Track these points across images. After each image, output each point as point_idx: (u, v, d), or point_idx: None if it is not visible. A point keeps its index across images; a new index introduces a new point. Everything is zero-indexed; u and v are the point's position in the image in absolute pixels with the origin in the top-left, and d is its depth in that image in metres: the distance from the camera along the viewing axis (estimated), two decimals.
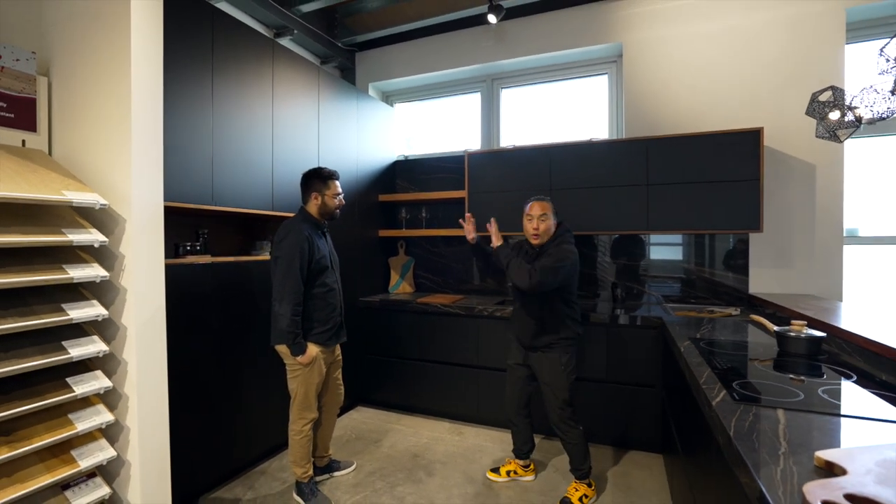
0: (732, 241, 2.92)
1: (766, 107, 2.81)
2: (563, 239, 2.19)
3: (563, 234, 2.21)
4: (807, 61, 2.73)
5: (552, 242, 2.19)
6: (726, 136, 2.63)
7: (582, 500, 2.10)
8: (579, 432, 2.15)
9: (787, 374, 1.43)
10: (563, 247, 2.13)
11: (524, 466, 2.38)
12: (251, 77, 2.40)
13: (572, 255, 2.12)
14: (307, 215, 2.18)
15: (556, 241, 2.18)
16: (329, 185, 2.19)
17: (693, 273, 3.06)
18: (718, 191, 2.65)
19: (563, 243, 2.16)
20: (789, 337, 1.63)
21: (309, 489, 2.16)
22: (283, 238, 2.05)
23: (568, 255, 2.10)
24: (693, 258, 3.05)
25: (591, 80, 3.50)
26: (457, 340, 3.05)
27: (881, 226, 2.80)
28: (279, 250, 2.04)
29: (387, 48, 3.93)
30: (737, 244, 2.91)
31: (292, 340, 2.01)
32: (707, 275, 3.02)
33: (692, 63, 2.98)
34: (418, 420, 3.14)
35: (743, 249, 2.90)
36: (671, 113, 3.03)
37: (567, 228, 2.25)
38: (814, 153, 2.72)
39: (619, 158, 2.86)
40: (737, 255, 2.92)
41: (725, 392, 1.22)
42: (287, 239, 2.04)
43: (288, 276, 2.00)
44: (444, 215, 3.75)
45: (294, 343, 2.02)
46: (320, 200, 2.18)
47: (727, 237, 2.93)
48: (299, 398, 2.12)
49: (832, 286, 2.71)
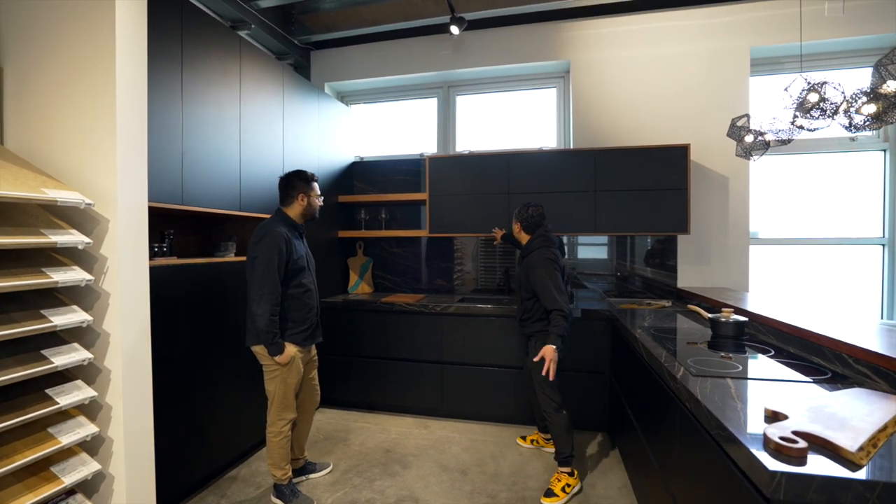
0: (651, 241, 3.35)
1: (690, 125, 3.25)
2: (537, 245, 2.37)
3: (538, 239, 2.39)
4: (720, 89, 3.21)
5: (527, 256, 2.39)
6: (661, 150, 3.02)
7: (565, 489, 2.16)
8: (561, 416, 2.25)
9: (722, 352, 1.75)
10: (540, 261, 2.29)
11: (546, 439, 2.70)
12: (219, 73, 2.33)
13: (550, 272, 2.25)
14: (285, 217, 2.18)
15: (530, 256, 2.36)
16: (313, 187, 2.22)
17: (626, 270, 3.45)
18: (653, 198, 3.04)
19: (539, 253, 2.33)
20: (721, 322, 1.96)
21: (289, 490, 2.16)
22: (261, 238, 2.05)
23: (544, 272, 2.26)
24: (623, 257, 3.44)
25: (541, 92, 3.79)
26: (420, 338, 3.16)
27: (777, 229, 3.36)
28: (256, 250, 2.03)
29: (344, 49, 3.93)
30: (663, 244, 3.34)
31: (270, 340, 2.00)
32: (641, 271, 3.43)
33: (631, 83, 3.36)
34: (383, 417, 3.21)
35: (667, 249, 3.33)
36: (613, 126, 3.39)
37: (540, 234, 2.41)
38: (727, 167, 3.21)
39: (571, 167, 3.15)
40: (666, 254, 3.34)
41: (684, 369, 1.47)
42: (265, 239, 2.03)
43: (266, 276, 1.99)
44: (402, 216, 3.84)
45: (272, 343, 2.01)
46: (306, 202, 2.19)
47: (648, 238, 3.35)
48: (278, 399, 2.11)
49: (741, 280, 3.22)
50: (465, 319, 3.07)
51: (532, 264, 2.30)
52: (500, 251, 3.63)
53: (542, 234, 2.40)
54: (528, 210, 2.44)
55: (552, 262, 2.27)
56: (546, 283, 2.21)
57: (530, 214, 2.43)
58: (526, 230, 2.45)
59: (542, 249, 2.32)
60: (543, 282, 2.21)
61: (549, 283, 2.20)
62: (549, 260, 2.27)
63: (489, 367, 3.04)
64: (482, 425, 3.06)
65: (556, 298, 2.16)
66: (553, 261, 2.28)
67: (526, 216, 2.44)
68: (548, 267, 2.25)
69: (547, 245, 2.35)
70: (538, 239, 2.39)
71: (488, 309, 3.02)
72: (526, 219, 2.45)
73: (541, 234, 2.40)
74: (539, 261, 2.28)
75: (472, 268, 3.69)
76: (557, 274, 2.25)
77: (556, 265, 2.28)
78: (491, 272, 3.66)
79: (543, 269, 2.24)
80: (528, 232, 2.45)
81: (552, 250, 2.33)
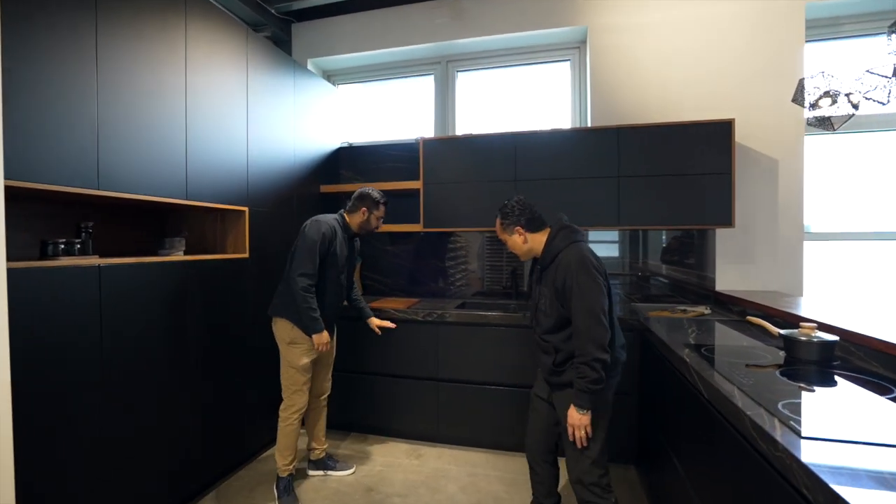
0: (669, 237, 2.84)
1: (731, 99, 2.74)
2: (563, 242, 1.63)
3: (560, 233, 1.66)
4: (769, 56, 2.69)
5: (553, 261, 1.64)
6: (698, 126, 2.52)
7: None
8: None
9: (802, 382, 1.27)
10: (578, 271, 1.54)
11: None
12: (155, 30, 1.87)
13: (594, 278, 1.53)
14: (342, 218, 2.27)
15: (559, 259, 1.61)
16: (380, 209, 2.28)
17: (646, 269, 2.96)
18: (688, 184, 2.54)
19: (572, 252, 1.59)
20: (800, 342, 1.47)
21: (284, 486, 2.14)
22: (310, 223, 2.15)
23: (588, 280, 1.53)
24: (637, 254, 2.94)
25: (552, 68, 3.29)
26: (413, 350, 2.69)
27: (831, 222, 2.84)
28: (303, 232, 2.13)
29: (329, 20, 3.47)
30: (694, 239, 2.83)
31: (310, 316, 2.06)
32: (666, 271, 2.93)
33: (659, 51, 2.85)
34: (369, 442, 2.75)
35: (700, 244, 2.83)
36: (638, 101, 2.88)
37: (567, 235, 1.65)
38: (776, 147, 2.69)
39: (590, 148, 2.66)
40: (700, 251, 2.84)
41: (783, 426, 0.98)
42: (313, 224, 2.14)
43: (308, 254, 2.07)
44: (395, 209, 3.35)
45: (313, 319, 2.06)
46: (367, 217, 2.26)
47: (663, 234, 2.85)
48: (285, 382, 2.17)
49: (794, 282, 2.70)
50: (464, 329, 2.60)
51: (565, 271, 1.54)
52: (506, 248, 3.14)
53: (563, 224, 1.68)
54: (514, 205, 1.73)
55: (593, 264, 1.55)
56: (585, 298, 1.49)
57: (522, 207, 1.72)
58: (532, 228, 1.71)
59: (574, 246, 1.59)
60: (582, 297, 1.50)
61: (588, 298, 1.49)
62: (588, 261, 1.54)
63: (493, 386, 2.57)
64: (484, 454, 2.59)
65: (594, 335, 1.47)
66: (594, 263, 1.56)
67: (519, 211, 1.71)
68: (589, 272, 1.52)
69: (577, 238, 1.63)
70: (561, 233, 1.64)
71: (492, 317, 2.55)
72: (520, 213, 1.71)
73: (561, 225, 1.68)
74: (575, 263, 1.53)
75: (478, 267, 3.22)
76: (601, 285, 1.53)
77: (599, 270, 1.56)
78: (497, 272, 3.18)
79: (583, 277, 1.51)
80: (536, 229, 1.72)
81: (587, 245, 1.63)
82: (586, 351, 1.49)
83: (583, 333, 1.50)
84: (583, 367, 1.50)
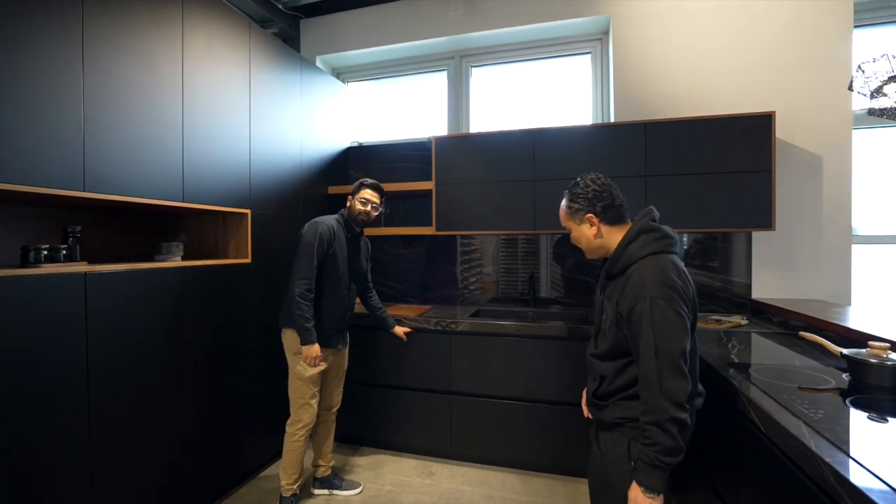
0: (687, 239, 2.62)
1: (770, 91, 2.52)
2: (642, 250, 1.20)
3: (640, 252, 1.20)
4: (813, 42, 2.47)
5: (623, 273, 1.22)
6: (734, 120, 2.31)
7: None
8: None
9: (873, 412, 1.08)
10: (655, 297, 1.11)
11: None
12: (148, 19, 1.76)
13: (677, 310, 1.10)
14: (343, 218, 2.16)
15: (630, 273, 1.20)
16: (363, 191, 2.12)
17: None
18: (723, 183, 2.33)
19: (652, 266, 1.16)
20: (869, 364, 1.26)
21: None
22: (308, 225, 2.06)
23: (667, 312, 1.10)
24: None
25: (572, 62, 3.11)
26: (425, 361, 2.54)
27: (882, 224, 2.59)
28: (301, 235, 2.04)
29: (338, 15, 3.35)
30: (725, 243, 2.61)
31: (302, 325, 1.95)
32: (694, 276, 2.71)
33: (689, 39, 2.64)
34: (378, 456, 2.60)
35: (731, 248, 2.60)
36: (666, 95, 2.68)
37: (649, 240, 1.21)
38: (820, 143, 2.46)
39: (614, 145, 2.47)
40: (733, 255, 2.62)
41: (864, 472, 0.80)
42: (311, 225, 2.05)
43: (303, 258, 1.98)
44: (407, 211, 3.22)
45: (304, 329, 1.95)
46: (351, 204, 2.13)
47: (685, 236, 2.63)
48: (292, 396, 2.08)
49: (840, 290, 2.47)
50: (479, 339, 2.43)
51: (636, 293, 1.14)
52: (523, 251, 2.98)
53: (648, 224, 1.22)
54: (590, 184, 1.28)
55: (678, 289, 1.12)
56: (660, 337, 1.09)
57: (600, 189, 1.27)
58: (610, 219, 1.27)
59: (655, 259, 1.17)
60: (656, 334, 1.09)
61: (665, 337, 1.08)
62: (672, 284, 1.11)
63: (509, 401, 2.39)
64: (501, 473, 2.41)
65: (670, 388, 1.07)
66: (679, 287, 1.12)
67: (594, 194, 1.26)
68: (671, 301, 1.10)
69: (663, 247, 1.19)
70: (642, 236, 1.21)
71: (509, 327, 2.38)
72: (595, 197, 1.26)
73: (645, 224, 1.22)
74: (652, 285, 1.12)
75: (493, 271, 3.05)
76: (685, 318, 1.11)
77: (685, 296, 1.13)
78: (512, 276, 3.01)
79: (661, 308, 1.09)
80: (615, 221, 1.28)
81: (675, 257, 1.20)
82: (658, 407, 1.08)
83: (653, 384, 1.09)
84: (652, 431, 1.09)
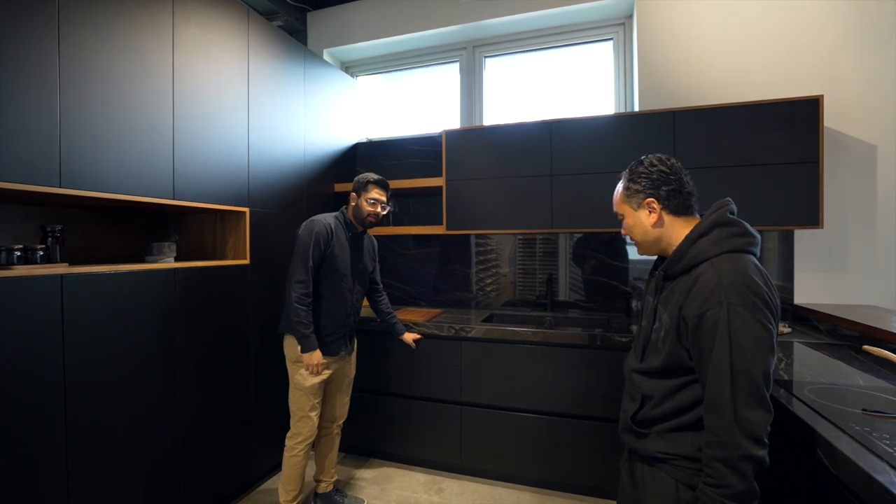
0: None
1: (814, 76, 2.28)
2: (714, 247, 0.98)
3: (713, 250, 0.98)
4: (863, 21, 2.22)
5: (688, 273, 1.00)
6: (775, 106, 2.08)
7: None
8: None
9: None
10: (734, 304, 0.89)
11: None
12: (134, 4, 1.65)
13: (764, 322, 0.88)
14: (343, 213, 2.06)
15: (697, 273, 0.98)
16: (367, 189, 1.99)
17: None
18: (763, 176, 2.11)
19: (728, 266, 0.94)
20: None
21: None
22: (304, 224, 1.95)
23: (751, 324, 0.88)
24: None
25: (591, 50, 2.91)
26: (434, 368, 2.38)
27: None
28: (297, 235, 1.93)
29: (346, 6, 3.22)
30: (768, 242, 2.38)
31: (301, 332, 1.84)
32: None
33: (722, 19, 2.42)
34: (385, 470, 2.45)
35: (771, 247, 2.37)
36: (696, 80, 2.46)
37: (724, 235, 0.99)
38: (874, 131, 2.21)
39: (639, 136, 2.27)
40: (773, 257, 2.38)
41: None
42: (306, 225, 1.94)
43: (298, 260, 1.88)
44: (418, 209, 3.07)
45: (303, 336, 1.84)
46: (355, 203, 2.01)
47: None
48: (292, 406, 1.95)
49: (894, 294, 2.21)
50: (492, 346, 2.26)
51: (707, 298, 0.92)
52: (540, 251, 2.79)
53: (726, 217, 1.00)
54: (655, 163, 1.09)
55: (764, 296, 0.90)
56: (740, 354, 0.86)
57: (667, 171, 1.07)
58: (674, 208, 1.06)
59: (733, 258, 0.95)
60: (734, 350, 0.87)
61: (747, 354, 0.86)
62: (756, 289, 0.90)
63: (523, 413, 2.21)
64: (514, 491, 2.24)
65: (748, 419, 0.84)
66: (765, 294, 0.90)
67: (658, 175, 1.07)
68: (755, 309, 0.88)
69: (741, 245, 0.97)
70: (716, 231, 0.99)
71: (524, 333, 2.20)
72: (660, 179, 1.06)
73: (721, 217, 1.00)
74: (731, 288, 0.90)
75: (510, 272, 2.87)
76: (772, 333, 0.89)
77: (771, 305, 0.91)
78: (529, 277, 2.82)
79: (743, 317, 0.88)
80: (680, 211, 1.07)
81: (755, 258, 0.98)
82: (730, 441, 0.85)
83: (726, 412, 0.86)
84: (720, 469, 0.85)
